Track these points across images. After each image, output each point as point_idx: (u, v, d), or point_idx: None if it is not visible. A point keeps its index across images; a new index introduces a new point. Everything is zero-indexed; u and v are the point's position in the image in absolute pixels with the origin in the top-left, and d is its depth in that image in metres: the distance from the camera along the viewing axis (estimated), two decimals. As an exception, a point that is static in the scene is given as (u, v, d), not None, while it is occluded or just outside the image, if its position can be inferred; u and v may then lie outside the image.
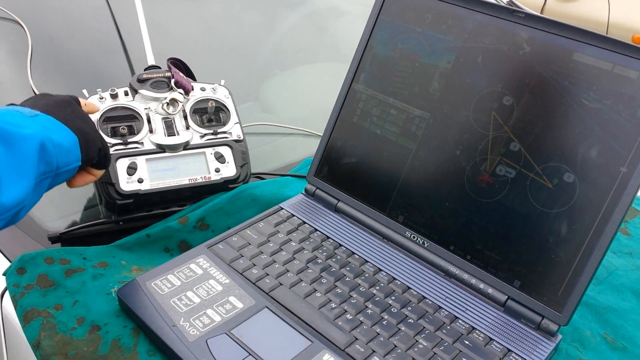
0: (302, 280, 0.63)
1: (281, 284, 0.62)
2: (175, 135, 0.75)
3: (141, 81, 0.77)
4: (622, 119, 0.56)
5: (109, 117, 0.74)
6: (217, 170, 0.75)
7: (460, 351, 0.57)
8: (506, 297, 0.61)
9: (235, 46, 1.14)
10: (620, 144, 0.55)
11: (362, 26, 0.72)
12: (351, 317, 0.59)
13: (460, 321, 0.60)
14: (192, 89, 0.79)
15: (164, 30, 1.04)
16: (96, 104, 0.73)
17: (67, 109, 0.60)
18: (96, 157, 0.62)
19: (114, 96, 0.75)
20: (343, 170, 0.73)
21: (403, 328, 0.58)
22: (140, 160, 0.72)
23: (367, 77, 0.72)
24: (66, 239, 0.71)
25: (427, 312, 0.61)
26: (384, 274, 0.65)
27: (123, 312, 0.59)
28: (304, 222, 0.72)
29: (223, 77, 0.83)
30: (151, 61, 0.83)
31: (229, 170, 0.76)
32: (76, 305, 0.59)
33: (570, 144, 0.58)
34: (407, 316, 0.60)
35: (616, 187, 0.55)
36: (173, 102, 0.76)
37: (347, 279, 0.64)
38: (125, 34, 0.99)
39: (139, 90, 0.76)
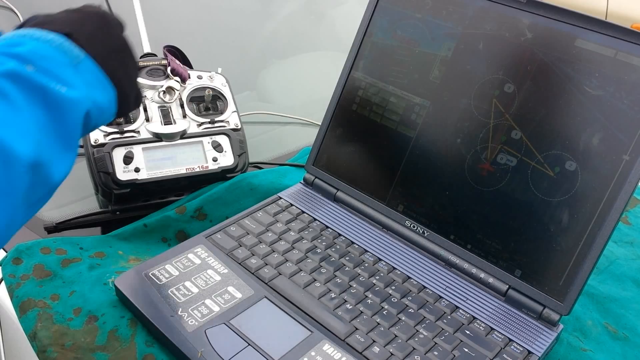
0: (301, 270, 0.62)
1: (280, 274, 0.62)
2: (172, 124, 0.74)
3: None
4: (624, 106, 0.55)
5: (104, 106, 0.73)
6: (215, 160, 0.74)
7: (461, 341, 0.56)
8: (507, 286, 0.60)
9: (233, 34, 1.13)
10: (623, 131, 0.55)
11: (361, 13, 0.71)
12: (351, 307, 0.59)
13: (460, 311, 0.59)
14: (189, 77, 0.78)
15: (159, 17, 1.03)
16: None
17: (118, 56, 0.50)
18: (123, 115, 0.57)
19: (110, 84, 0.74)
20: (342, 159, 0.72)
21: (403, 318, 0.58)
22: (136, 150, 0.71)
23: (367, 64, 0.71)
24: (62, 229, 0.70)
25: (427, 301, 0.60)
26: (384, 263, 0.64)
27: (120, 302, 0.59)
28: (303, 212, 0.71)
29: (220, 65, 0.82)
30: (147, 49, 0.82)
31: (226, 159, 0.75)
32: (73, 296, 0.59)
33: (572, 132, 0.57)
34: (407, 306, 0.59)
35: (618, 175, 0.55)
36: (169, 90, 0.75)
37: (347, 268, 0.63)
38: (120, 22, 0.98)
39: (135, 79, 0.75)
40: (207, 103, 0.78)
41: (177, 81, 0.76)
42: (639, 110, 0.54)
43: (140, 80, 0.74)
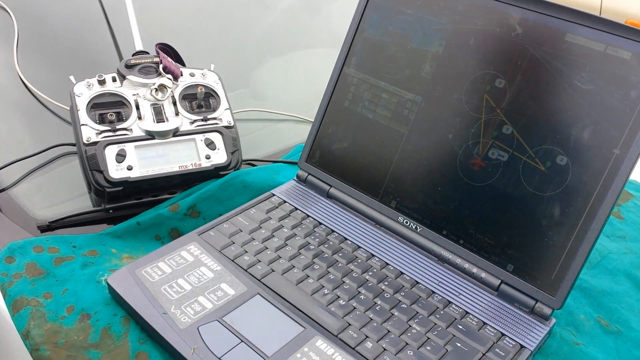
0: (294, 267, 0.62)
1: (273, 271, 0.62)
2: (164, 121, 0.74)
3: (129, 67, 0.75)
4: (614, 100, 0.55)
5: (96, 104, 0.73)
6: (208, 157, 0.74)
7: (454, 336, 0.56)
8: (499, 281, 0.60)
9: (227, 31, 1.13)
10: (613, 125, 0.55)
11: (355, 9, 0.71)
12: (344, 302, 0.59)
13: (453, 306, 0.60)
14: (181, 75, 0.78)
15: (152, 14, 1.03)
16: (84, 91, 0.72)
17: None
18: None
19: (102, 82, 0.74)
20: (335, 155, 0.72)
21: (396, 313, 0.58)
22: (129, 147, 0.71)
23: (359, 60, 0.71)
24: (56, 227, 0.70)
25: (420, 297, 0.60)
26: (377, 259, 0.64)
27: (113, 300, 0.59)
28: (296, 209, 0.71)
29: (215, 63, 0.82)
30: (139, 46, 0.82)
31: (219, 156, 0.75)
32: (66, 294, 0.59)
33: (563, 126, 0.57)
34: (400, 301, 0.60)
35: (609, 169, 0.55)
36: (162, 87, 0.75)
37: (340, 265, 0.63)
38: (113, 19, 0.98)
39: (127, 76, 0.75)
40: (200, 100, 0.78)
41: (170, 79, 0.76)
42: (629, 104, 0.54)
43: (132, 78, 0.74)
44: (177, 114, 0.75)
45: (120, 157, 0.70)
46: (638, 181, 0.86)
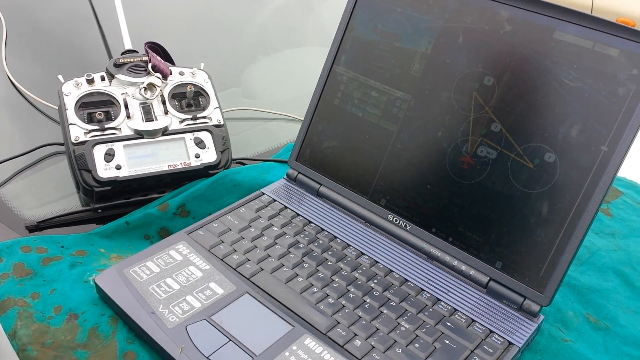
0: (283, 265, 0.62)
1: (262, 269, 0.62)
2: (153, 120, 0.74)
3: (118, 66, 0.75)
4: (602, 97, 0.55)
5: (85, 103, 0.72)
6: (197, 156, 0.74)
7: (442, 333, 0.56)
8: (488, 278, 0.60)
9: (216, 30, 1.12)
10: (601, 122, 0.55)
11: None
12: (333, 301, 0.59)
13: (442, 303, 0.60)
14: (171, 73, 0.77)
15: (141, 13, 1.03)
16: (72, 90, 0.72)
17: None
18: None
19: (90, 81, 0.73)
20: (325, 154, 0.72)
21: (385, 311, 0.58)
22: (117, 147, 0.71)
23: (348, 59, 0.71)
24: (44, 227, 0.69)
25: (409, 294, 0.60)
26: (366, 257, 0.64)
27: (101, 300, 0.59)
28: (286, 207, 0.71)
29: (206, 62, 0.82)
30: (128, 45, 0.81)
31: (209, 155, 0.75)
32: (53, 294, 0.58)
33: (551, 124, 0.57)
34: (389, 299, 0.60)
35: (597, 166, 0.55)
36: (150, 86, 0.75)
37: (329, 263, 0.63)
38: (102, 18, 0.98)
39: (116, 75, 0.74)
40: (189, 99, 0.77)
41: (159, 77, 0.76)
42: (617, 101, 0.54)
43: (121, 77, 0.74)
44: (166, 113, 0.75)
45: (109, 156, 0.70)
46: (627, 178, 0.86)
